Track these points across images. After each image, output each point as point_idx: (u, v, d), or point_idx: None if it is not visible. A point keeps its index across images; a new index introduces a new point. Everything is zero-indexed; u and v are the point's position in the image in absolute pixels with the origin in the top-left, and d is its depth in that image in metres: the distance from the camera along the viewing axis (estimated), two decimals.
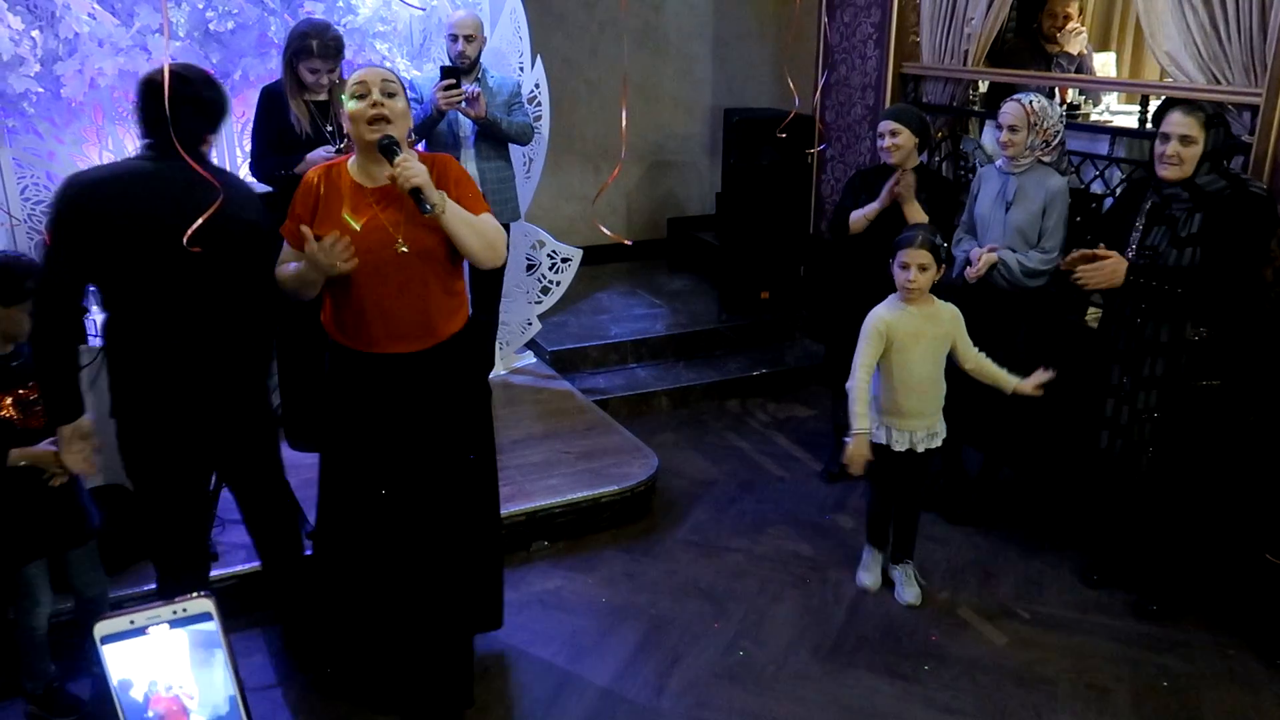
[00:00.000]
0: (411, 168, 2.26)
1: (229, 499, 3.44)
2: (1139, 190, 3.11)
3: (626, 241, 4.16)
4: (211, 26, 3.96)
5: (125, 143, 4.18)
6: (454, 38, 4.03)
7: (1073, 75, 4.75)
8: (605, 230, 4.22)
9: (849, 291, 3.92)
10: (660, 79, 6.59)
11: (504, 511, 3.55)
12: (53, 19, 3.75)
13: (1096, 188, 3.93)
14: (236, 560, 3.22)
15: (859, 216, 3.69)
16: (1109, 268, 2.94)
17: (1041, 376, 3.01)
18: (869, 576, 3.39)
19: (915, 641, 3.10)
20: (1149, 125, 4.04)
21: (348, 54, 4.29)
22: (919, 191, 3.60)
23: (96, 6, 3.77)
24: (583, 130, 6.36)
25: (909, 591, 3.30)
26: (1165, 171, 2.91)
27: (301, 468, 3.78)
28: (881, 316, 3.05)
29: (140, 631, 0.65)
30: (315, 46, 3.47)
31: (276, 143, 3.56)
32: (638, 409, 4.83)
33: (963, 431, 3.74)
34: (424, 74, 4.21)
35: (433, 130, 4.09)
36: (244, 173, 4.18)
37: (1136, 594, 3.28)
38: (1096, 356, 3.19)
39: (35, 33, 3.70)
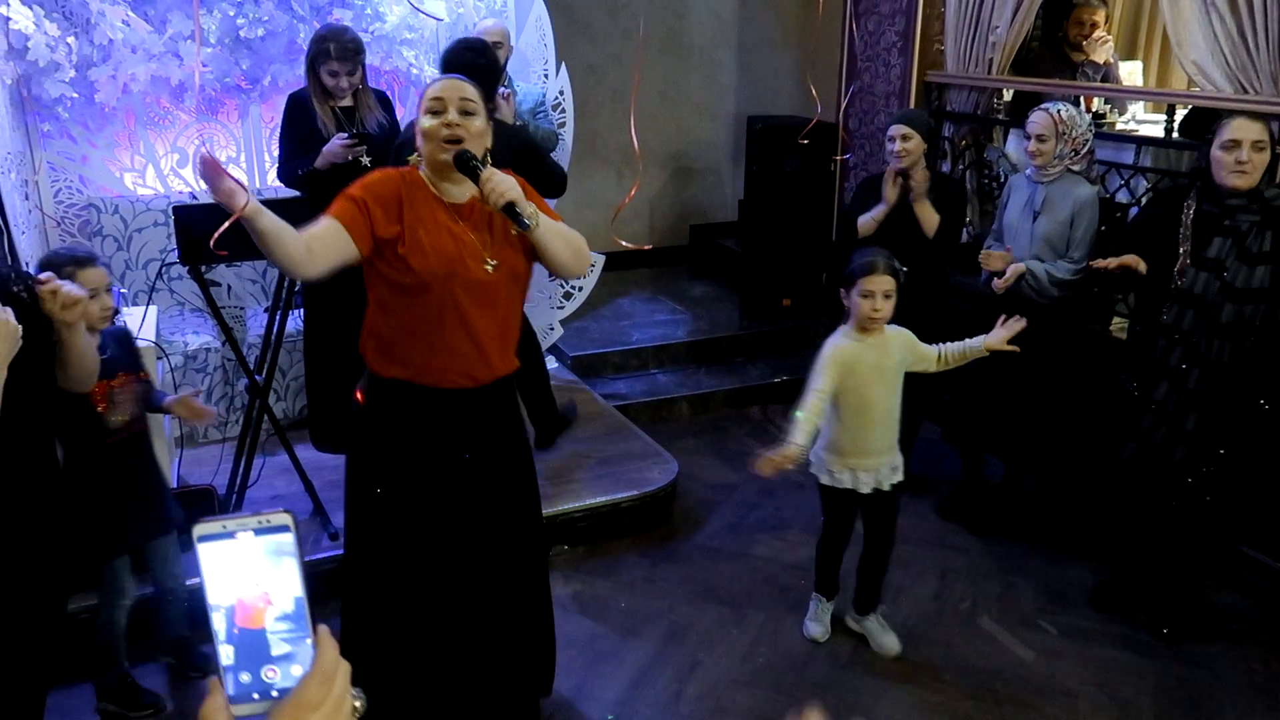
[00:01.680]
0: (501, 182, 2.06)
1: (256, 497, 3.50)
2: (1173, 200, 3.01)
3: (645, 246, 4.18)
4: (242, 33, 4.02)
5: (157, 147, 4.25)
6: None
7: (1098, 84, 4.73)
8: (624, 243, 4.24)
9: None
10: (684, 86, 6.61)
11: None
12: (88, 25, 3.82)
13: (1122, 197, 3.91)
14: None
15: (868, 219, 3.69)
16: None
17: (1014, 326, 2.83)
18: (818, 627, 3.14)
19: (935, 651, 3.09)
20: (1175, 135, 4.02)
21: (375, 60, 4.35)
22: (929, 193, 3.61)
23: (130, 13, 3.84)
24: (606, 137, 6.38)
25: (888, 639, 3.06)
26: (1236, 180, 2.80)
27: (325, 469, 3.83)
28: (841, 348, 2.82)
29: (230, 535, 0.75)
30: (333, 49, 3.50)
31: (303, 148, 3.61)
32: (658, 415, 4.84)
33: (984, 441, 3.73)
34: None
35: None
36: (271, 178, 4.24)
37: (1145, 617, 3.19)
38: (1134, 369, 3.08)
39: (71, 39, 3.77)
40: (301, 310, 3.90)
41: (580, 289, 4.86)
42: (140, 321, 3.24)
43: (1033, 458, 3.76)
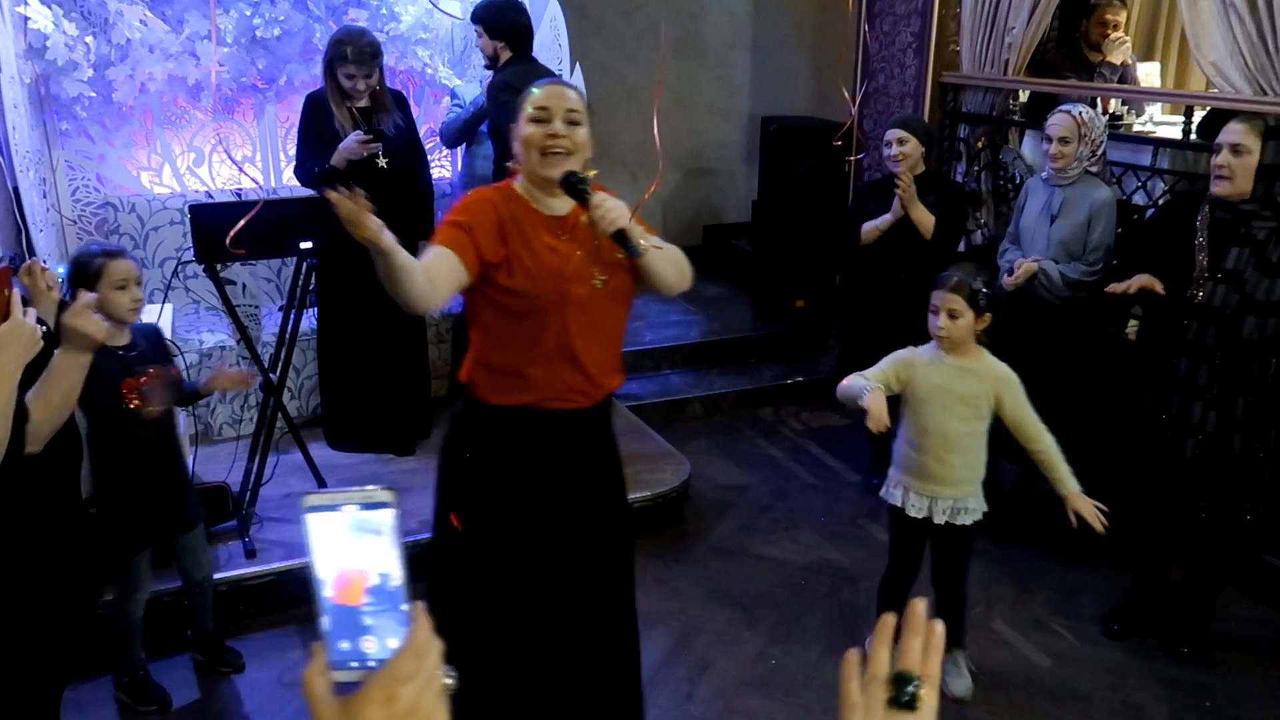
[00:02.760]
0: (612, 209, 1.95)
1: (270, 495, 3.51)
2: (1188, 206, 2.92)
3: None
4: (258, 33, 4.04)
5: (174, 146, 4.28)
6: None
7: (1116, 85, 4.70)
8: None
9: (859, 302, 3.96)
10: (698, 86, 6.61)
11: None
12: (106, 25, 3.84)
13: (1139, 199, 3.88)
14: (274, 558, 3.27)
15: (871, 228, 3.72)
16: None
17: (1099, 515, 2.57)
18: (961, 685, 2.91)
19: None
20: (1193, 136, 4.00)
21: (390, 60, 4.36)
22: (927, 194, 3.61)
23: (148, 13, 3.87)
24: (620, 137, 6.38)
25: (958, 683, 2.85)
26: (1217, 187, 2.69)
27: (339, 467, 3.85)
28: (907, 354, 2.70)
29: (335, 508, 0.77)
30: (350, 53, 3.52)
31: (320, 149, 3.62)
32: (671, 415, 4.84)
33: (997, 445, 3.71)
34: (465, 83, 4.26)
35: (475, 130, 4.13)
36: (287, 176, 4.26)
37: (1163, 636, 3.10)
38: (1152, 386, 2.97)
39: (89, 38, 3.79)
40: (316, 309, 3.92)
41: None
42: (156, 320, 3.25)
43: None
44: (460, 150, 4.43)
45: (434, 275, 1.94)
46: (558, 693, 2.29)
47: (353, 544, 0.78)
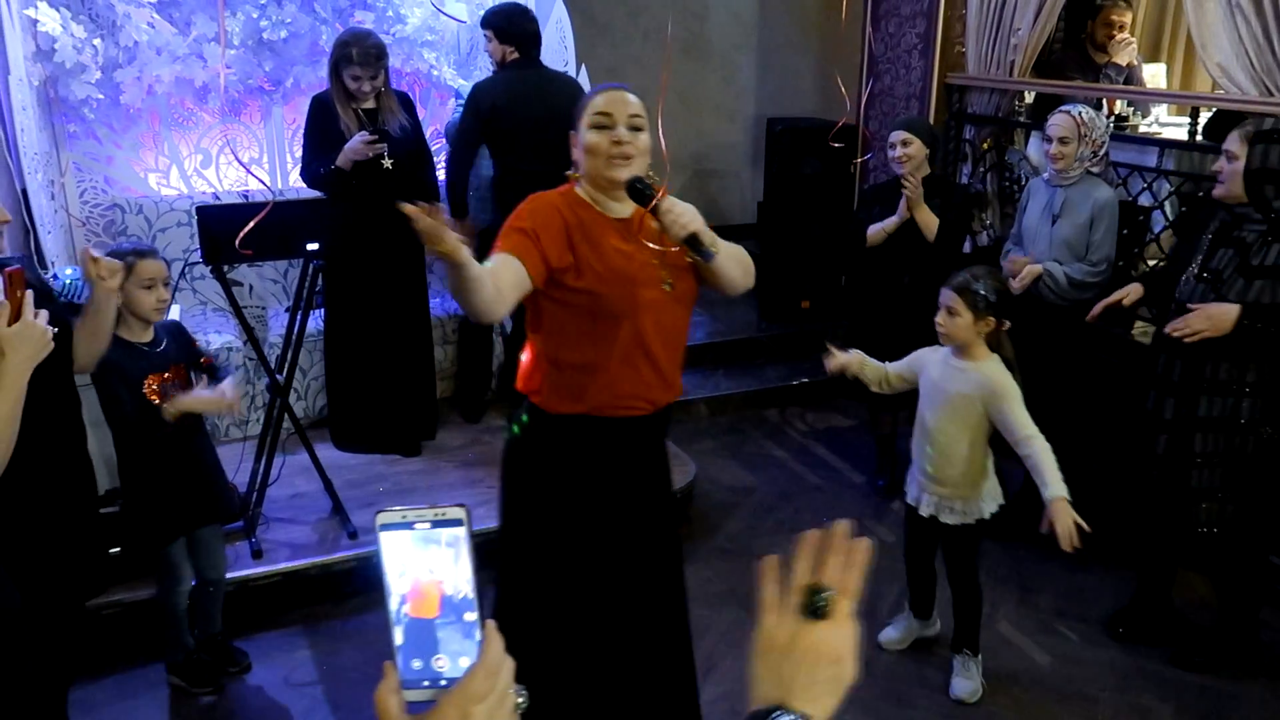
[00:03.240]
0: (684, 214, 1.95)
1: (276, 496, 3.52)
2: (1208, 207, 2.93)
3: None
4: (265, 35, 4.05)
5: (181, 148, 4.30)
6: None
7: (1121, 86, 4.70)
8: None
9: (864, 304, 3.97)
10: (703, 88, 6.61)
11: None
12: (114, 27, 3.86)
13: (1144, 200, 3.88)
14: (281, 558, 3.28)
15: (877, 230, 3.73)
16: (1208, 315, 2.63)
17: (1075, 533, 2.50)
18: (893, 631, 3.10)
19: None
20: (1199, 138, 3.99)
21: (396, 63, 4.37)
22: (931, 197, 3.62)
23: (155, 16, 3.88)
24: None
25: (960, 684, 2.87)
26: (1215, 190, 2.75)
27: (345, 468, 3.86)
28: (924, 351, 2.80)
29: (409, 525, 0.78)
30: (355, 54, 3.53)
31: (325, 150, 3.63)
32: (676, 416, 4.80)
33: (1003, 446, 3.71)
34: (469, 84, 4.26)
35: None
36: (294, 178, 4.27)
37: (1174, 646, 3.06)
38: (1145, 384, 2.98)
39: (97, 41, 3.81)
40: (323, 310, 3.93)
41: None
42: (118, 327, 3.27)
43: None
44: None
45: (500, 283, 1.89)
46: (619, 699, 2.27)
47: (425, 561, 0.78)
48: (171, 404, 2.55)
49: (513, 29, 3.80)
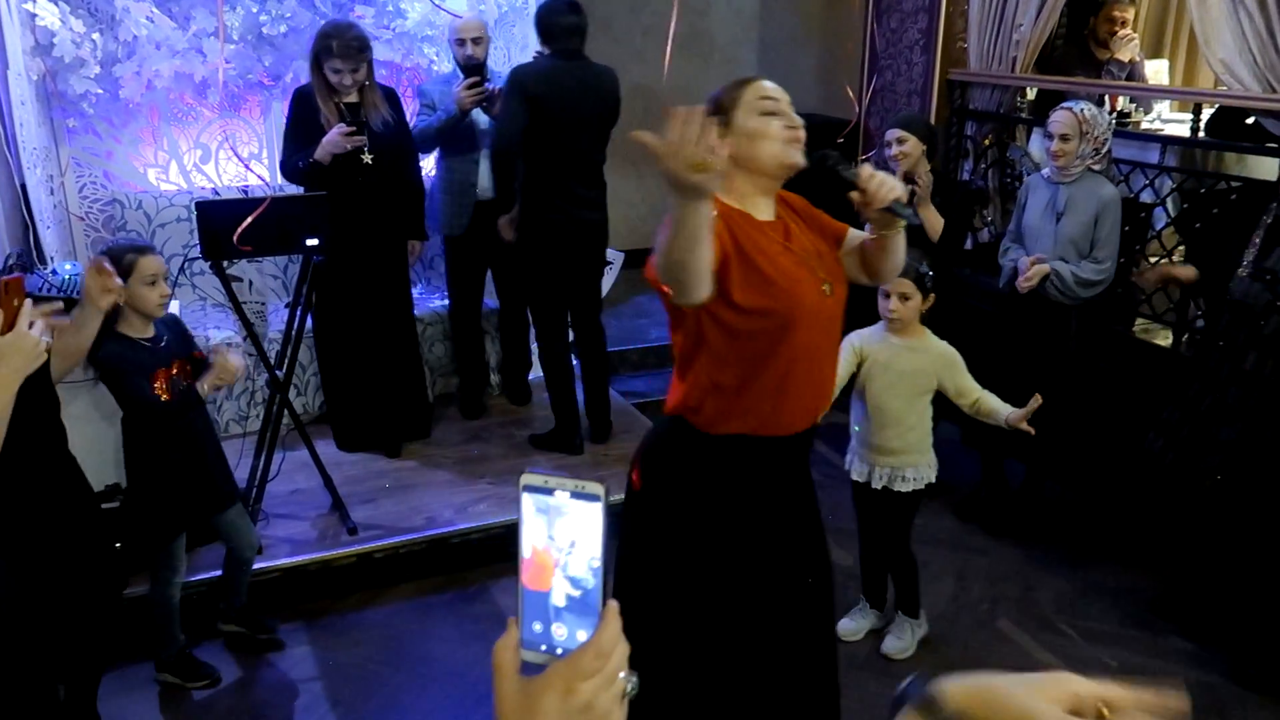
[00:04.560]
0: (886, 179, 1.84)
1: (276, 492, 3.52)
2: (1255, 202, 2.91)
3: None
4: (265, 30, 4.04)
5: (180, 143, 4.29)
6: (460, 41, 3.89)
7: (1124, 83, 4.68)
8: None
9: (864, 302, 3.98)
10: (705, 84, 6.56)
11: None
12: (113, 22, 3.85)
13: (1146, 197, 3.87)
14: (281, 554, 3.28)
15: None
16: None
17: (1033, 404, 2.71)
18: (850, 623, 3.12)
19: (952, 653, 3.07)
20: (1201, 134, 3.98)
21: (396, 57, 4.36)
22: (932, 195, 3.62)
23: (155, 10, 3.87)
24: (626, 134, 6.38)
25: (891, 641, 3.04)
26: None
27: (345, 463, 3.86)
28: (859, 335, 2.87)
29: (549, 492, 0.78)
30: (336, 47, 3.47)
31: (306, 144, 3.58)
32: None
33: (1005, 444, 3.71)
34: (429, 83, 4.13)
35: (453, 132, 3.98)
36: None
37: (1230, 654, 3.01)
38: (1187, 378, 2.96)
39: (96, 35, 3.80)
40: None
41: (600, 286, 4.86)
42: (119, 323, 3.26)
43: (1054, 461, 3.73)
44: (436, 154, 4.21)
45: None
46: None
47: (559, 530, 0.78)
48: (200, 386, 2.63)
49: (538, 23, 3.73)
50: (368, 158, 3.61)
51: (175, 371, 2.63)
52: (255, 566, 3.05)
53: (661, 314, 2.05)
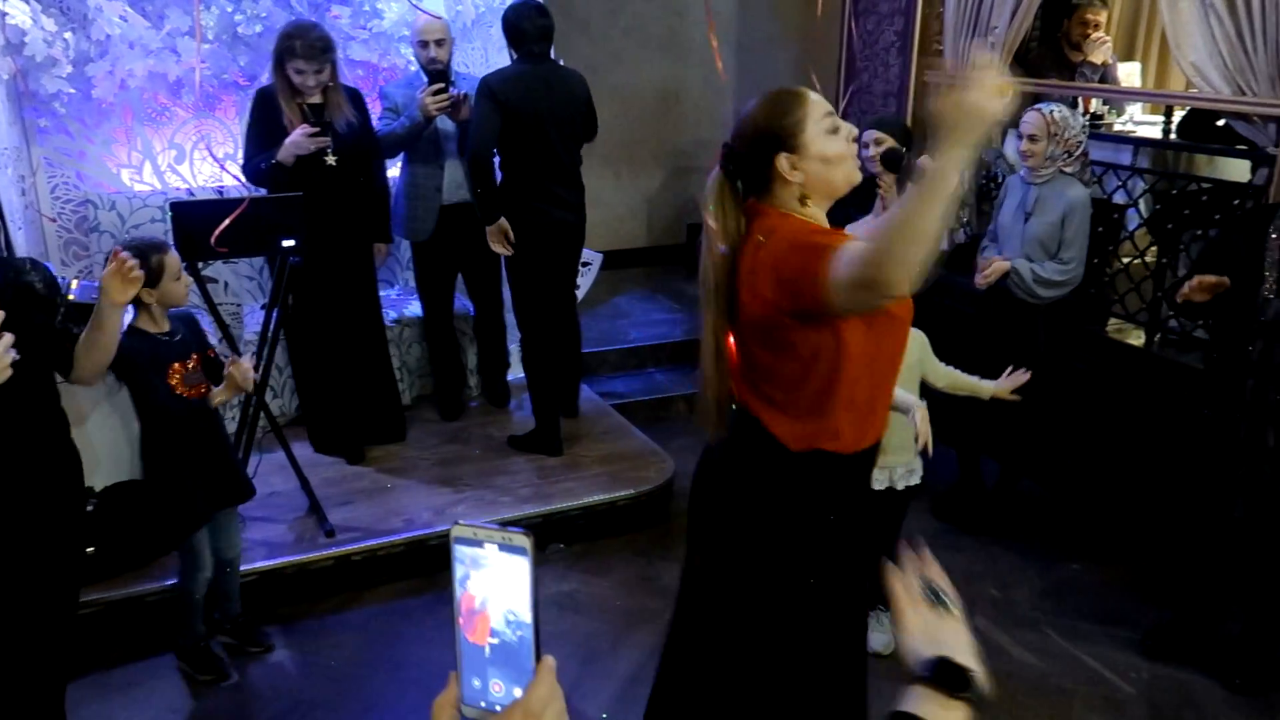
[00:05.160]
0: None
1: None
2: (1259, 222, 2.77)
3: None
4: (240, 30, 4.01)
5: (154, 143, 4.25)
6: (424, 43, 3.82)
7: (1096, 85, 4.73)
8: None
9: None
10: (682, 84, 6.61)
11: (520, 513, 3.58)
12: (85, 21, 3.81)
13: (1119, 198, 3.91)
14: (257, 557, 3.26)
15: (852, 230, 3.73)
16: None
17: (1019, 378, 2.72)
18: (879, 639, 2.99)
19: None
20: (1173, 136, 4.03)
21: (372, 58, 4.33)
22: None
23: (128, 9, 3.83)
24: (605, 135, 6.37)
25: (875, 637, 2.91)
26: None
27: (321, 466, 3.84)
28: None
29: (478, 543, 0.78)
30: (299, 47, 3.43)
31: (268, 145, 3.53)
32: (655, 413, 4.84)
33: (981, 442, 3.74)
34: (390, 85, 4.07)
35: (417, 139, 3.91)
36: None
37: (1218, 668, 2.98)
38: (1215, 403, 2.86)
39: (68, 34, 3.76)
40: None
41: (578, 288, 4.85)
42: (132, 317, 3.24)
43: (1029, 460, 3.76)
44: (401, 159, 4.13)
45: None
46: None
47: (489, 583, 0.77)
48: (213, 396, 2.68)
49: (506, 27, 3.74)
50: (331, 159, 3.57)
51: (191, 366, 2.68)
52: None
53: (641, 315, 2.05)
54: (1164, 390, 3.49)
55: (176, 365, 2.64)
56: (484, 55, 4.55)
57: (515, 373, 4.74)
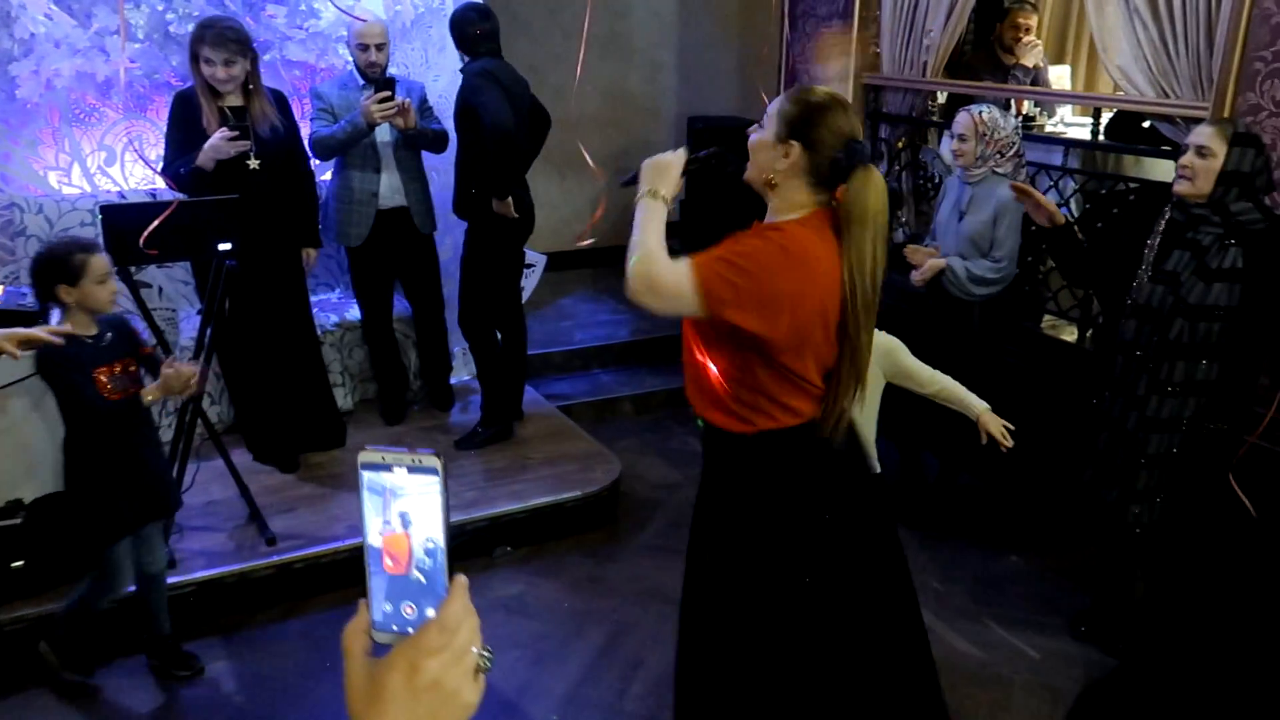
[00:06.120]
0: None
1: (191, 503, 3.42)
2: (1151, 207, 2.91)
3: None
4: (171, 29, 3.93)
5: (83, 145, 4.13)
6: (364, 47, 3.78)
7: (1028, 87, 4.85)
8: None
9: None
10: (625, 86, 6.62)
11: (467, 517, 3.56)
12: (8, 19, 3.70)
13: (1051, 198, 4.01)
14: (197, 567, 3.19)
15: None
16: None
17: (1005, 433, 2.64)
18: None
19: None
20: (1101, 137, 4.15)
21: (310, 58, 4.27)
22: None
23: (53, 7, 3.73)
24: (549, 137, 6.37)
25: None
26: (1178, 186, 2.69)
27: (262, 472, 3.77)
28: None
29: (387, 468, 0.77)
30: (208, 35, 3.35)
31: (187, 149, 3.43)
32: (601, 414, 4.84)
33: (920, 438, 3.81)
34: (324, 85, 3.97)
35: (355, 145, 3.83)
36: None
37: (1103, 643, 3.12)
38: (1098, 387, 2.98)
39: None
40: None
41: (523, 289, 4.84)
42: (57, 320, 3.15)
43: (967, 454, 3.83)
44: (334, 163, 4.05)
45: None
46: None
47: (399, 507, 0.77)
48: (144, 394, 2.61)
49: (457, 30, 3.81)
50: (254, 163, 3.48)
51: (119, 370, 2.60)
52: (170, 581, 2.97)
53: (586, 316, 2.13)
54: (1095, 384, 3.58)
55: (103, 368, 2.56)
56: (424, 56, 4.50)
57: (458, 375, 4.72)
